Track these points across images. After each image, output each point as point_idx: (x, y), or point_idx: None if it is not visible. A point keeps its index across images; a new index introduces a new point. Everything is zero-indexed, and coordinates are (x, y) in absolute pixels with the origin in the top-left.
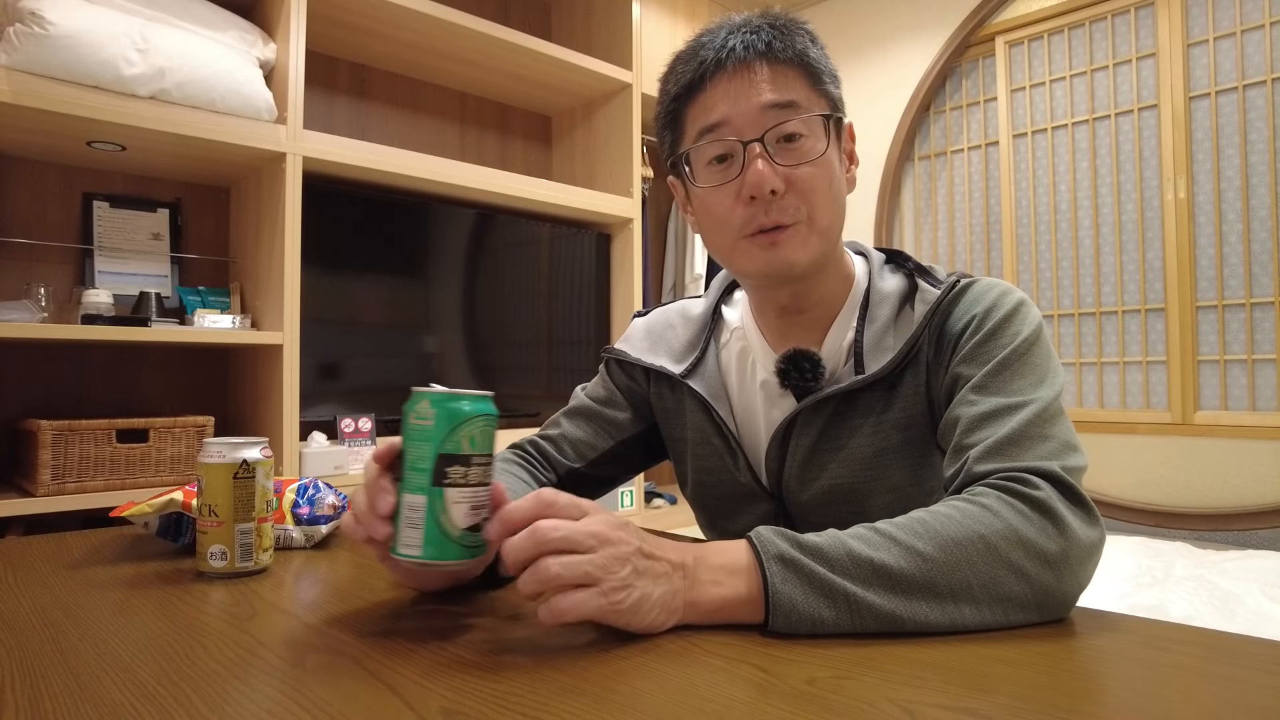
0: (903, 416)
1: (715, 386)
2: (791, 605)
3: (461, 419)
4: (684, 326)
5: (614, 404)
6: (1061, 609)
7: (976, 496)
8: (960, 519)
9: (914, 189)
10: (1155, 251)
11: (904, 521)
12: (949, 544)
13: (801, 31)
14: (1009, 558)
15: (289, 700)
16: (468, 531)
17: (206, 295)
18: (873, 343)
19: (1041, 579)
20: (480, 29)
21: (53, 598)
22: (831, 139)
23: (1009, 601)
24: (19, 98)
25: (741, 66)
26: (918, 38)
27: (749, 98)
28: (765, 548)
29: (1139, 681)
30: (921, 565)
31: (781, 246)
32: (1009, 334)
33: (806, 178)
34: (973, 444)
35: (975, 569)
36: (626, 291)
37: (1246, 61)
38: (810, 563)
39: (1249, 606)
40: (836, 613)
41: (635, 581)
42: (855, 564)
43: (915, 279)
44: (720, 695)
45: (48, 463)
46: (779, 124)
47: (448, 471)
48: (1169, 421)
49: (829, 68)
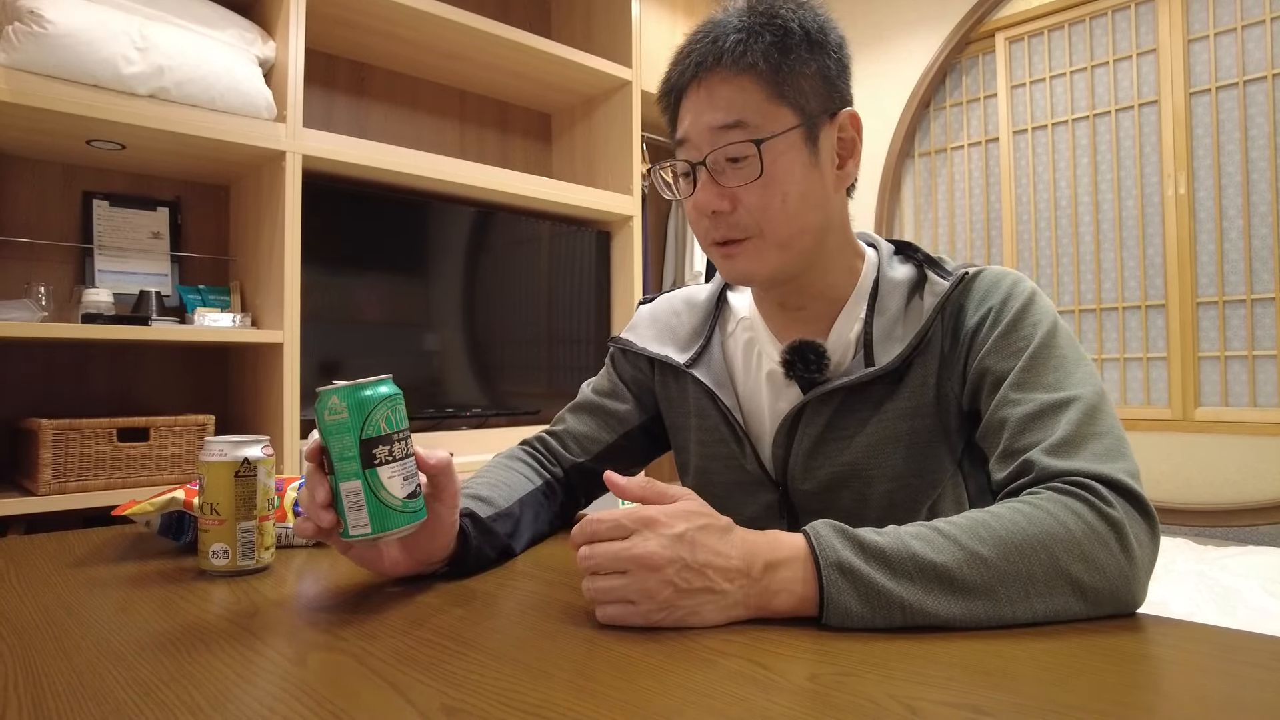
0: (909, 406)
1: (721, 375)
2: (846, 614)
3: (372, 404)
4: (689, 314)
5: (617, 396)
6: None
7: (1041, 501)
8: (1025, 525)
9: (914, 185)
10: (1156, 248)
11: (967, 524)
12: (1012, 551)
13: (772, 29)
14: (1070, 570)
15: (291, 698)
16: (407, 499)
17: (207, 294)
18: (883, 334)
19: (1100, 594)
20: (480, 27)
21: (55, 596)
22: (790, 145)
23: (1065, 613)
24: (18, 96)
25: (703, 82)
26: (918, 34)
27: (702, 116)
28: (825, 553)
29: (1142, 677)
30: (983, 572)
31: (736, 259)
32: (1029, 324)
33: (752, 198)
34: (1029, 445)
35: (1035, 580)
36: (627, 289)
37: (1247, 57)
38: (869, 571)
39: (1250, 602)
40: (890, 619)
41: (679, 601)
42: (918, 568)
43: (924, 269)
44: (722, 692)
45: (49, 462)
46: (721, 147)
47: (374, 453)
48: (1170, 418)
49: (804, 67)
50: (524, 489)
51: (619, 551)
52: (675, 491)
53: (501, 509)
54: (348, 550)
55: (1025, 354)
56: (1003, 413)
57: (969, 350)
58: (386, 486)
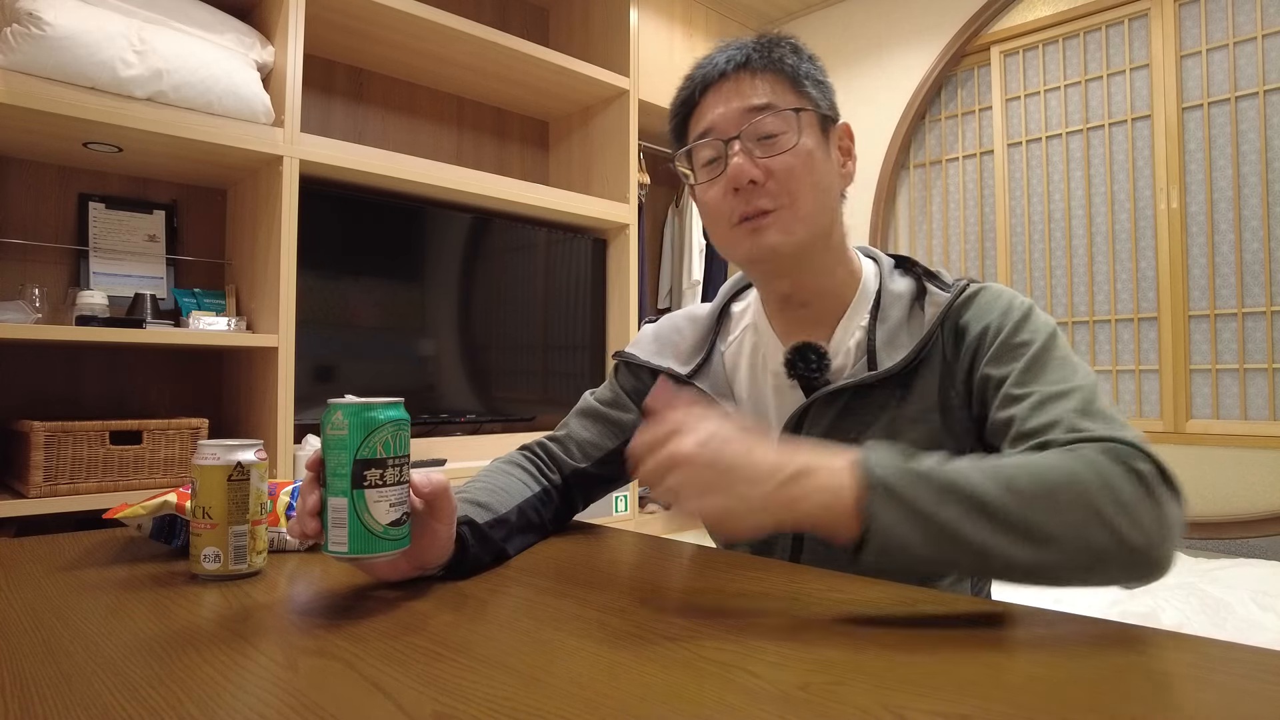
0: (913, 412)
1: (721, 385)
2: (888, 534)
3: (374, 427)
4: (691, 329)
5: (620, 405)
6: (1148, 573)
7: (1078, 450)
8: (1062, 465)
9: (909, 197)
10: (1148, 261)
11: (1007, 461)
12: (1049, 487)
13: (783, 45)
14: (1104, 512)
15: (281, 704)
16: (390, 526)
17: (202, 297)
18: (886, 340)
19: (1133, 538)
20: (478, 34)
21: (45, 600)
22: (811, 132)
23: (1098, 554)
24: (16, 98)
25: (727, 80)
26: (913, 47)
27: (730, 104)
28: (872, 472)
29: (1133, 689)
30: (1019, 501)
31: (764, 232)
32: (1028, 331)
33: (784, 166)
34: (1039, 428)
35: (1070, 515)
36: (623, 297)
37: (1239, 73)
38: (913, 488)
39: (1240, 614)
40: (928, 541)
41: (708, 498)
42: (956, 491)
43: (924, 282)
44: (713, 700)
45: (40, 464)
46: (755, 121)
47: (365, 475)
48: (1161, 430)
49: (812, 73)
50: (521, 495)
51: (656, 443)
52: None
53: (498, 515)
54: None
55: (1025, 357)
56: (1009, 407)
57: (972, 361)
58: (371, 510)
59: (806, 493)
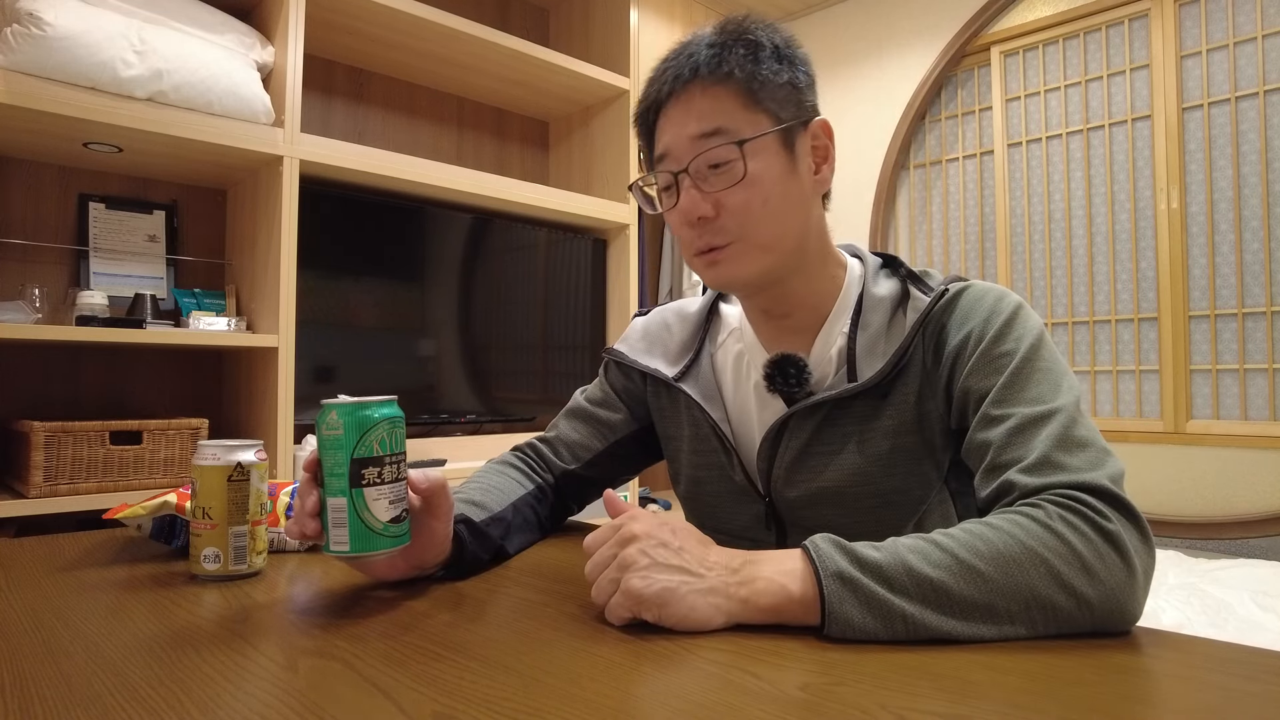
0: (892, 424)
1: (709, 388)
2: (848, 623)
3: (369, 425)
4: (680, 327)
5: (609, 405)
6: (1116, 627)
7: (1035, 513)
8: (1023, 537)
9: (909, 197)
10: (1148, 261)
11: (963, 536)
12: (1009, 564)
13: (744, 43)
14: (1065, 579)
15: (281, 704)
16: (390, 523)
17: (202, 297)
18: (865, 349)
19: (1097, 601)
20: (478, 34)
21: (45, 600)
22: (767, 155)
23: (1064, 621)
24: (16, 98)
25: (680, 96)
26: (913, 47)
27: (682, 127)
28: (823, 563)
29: (1133, 690)
30: (981, 587)
31: (720, 265)
32: (1012, 339)
33: (736, 201)
34: (1011, 461)
35: (1036, 593)
36: (622, 297)
37: (1239, 73)
38: (869, 582)
39: (1240, 615)
40: (892, 630)
41: (655, 575)
42: (915, 583)
43: (908, 285)
44: (713, 700)
45: (40, 464)
46: (703, 153)
47: (363, 474)
48: (1161, 430)
49: (773, 77)
50: (516, 493)
51: (607, 536)
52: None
53: (494, 513)
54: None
55: (1007, 370)
56: (985, 430)
57: (952, 370)
58: (371, 508)
59: (762, 575)
